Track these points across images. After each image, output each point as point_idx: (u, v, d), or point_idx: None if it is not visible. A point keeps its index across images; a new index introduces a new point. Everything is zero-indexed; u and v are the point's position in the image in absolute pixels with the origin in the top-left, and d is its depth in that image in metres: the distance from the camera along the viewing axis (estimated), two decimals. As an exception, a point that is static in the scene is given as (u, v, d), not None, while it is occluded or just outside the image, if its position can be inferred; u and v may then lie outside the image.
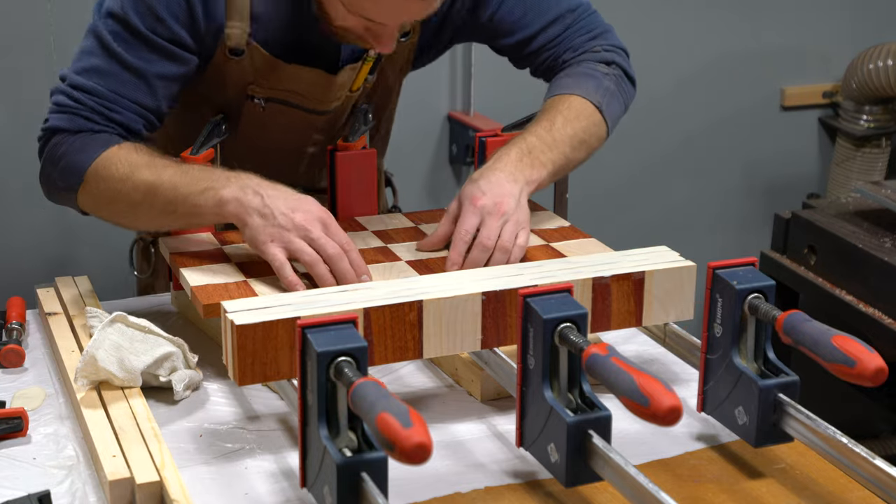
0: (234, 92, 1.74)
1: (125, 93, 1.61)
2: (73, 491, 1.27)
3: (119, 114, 1.61)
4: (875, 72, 3.25)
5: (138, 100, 1.62)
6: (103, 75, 1.61)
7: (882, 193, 2.51)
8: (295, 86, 1.74)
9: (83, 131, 1.60)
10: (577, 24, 1.81)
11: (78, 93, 1.61)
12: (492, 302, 1.37)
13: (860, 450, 1.18)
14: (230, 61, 1.69)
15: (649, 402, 1.08)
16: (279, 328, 1.29)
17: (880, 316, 2.37)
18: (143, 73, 1.61)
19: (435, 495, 1.26)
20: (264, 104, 1.75)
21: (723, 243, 3.55)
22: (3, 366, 1.55)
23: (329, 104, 1.79)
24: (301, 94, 1.75)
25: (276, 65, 1.71)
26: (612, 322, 1.44)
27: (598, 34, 1.83)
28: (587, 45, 1.81)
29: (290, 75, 1.72)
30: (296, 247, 1.48)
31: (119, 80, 1.61)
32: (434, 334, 1.36)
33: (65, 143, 1.60)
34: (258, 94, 1.74)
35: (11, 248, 2.87)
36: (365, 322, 1.32)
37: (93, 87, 1.61)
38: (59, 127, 1.61)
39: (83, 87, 1.61)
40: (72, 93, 1.61)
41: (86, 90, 1.61)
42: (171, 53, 1.62)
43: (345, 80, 1.77)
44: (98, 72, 1.61)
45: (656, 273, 1.44)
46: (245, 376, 1.29)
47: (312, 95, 1.76)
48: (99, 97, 1.61)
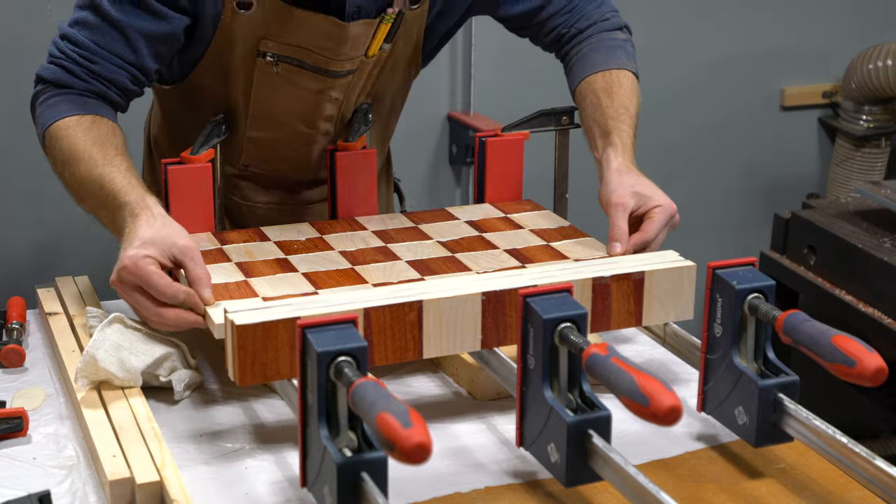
0: (245, 52, 1.71)
1: (106, 45, 1.63)
2: (73, 491, 1.27)
3: (99, 65, 1.63)
4: (875, 72, 3.25)
5: (119, 53, 1.63)
6: (88, 27, 1.63)
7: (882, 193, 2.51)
8: (307, 38, 1.70)
9: (67, 86, 1.63)
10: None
11: (63, 43, 1.65)
12: (492, 302, 1.37)
13: (860, 450, 1.18)
14: (239, 17, 1.66)
15: (649, 402, 1.08)
16: (279, 328, 1.29)
17: (880, 316, 2.37)
18: (123, 27, 1.62)
19: (435, 495, 1.26)
20: (277, 63, 1.72)
21: (723, 243, 3.55)
22: (3, 366, 1.55)
23: (342, 63, 1.75)
24: (314, 49, 1.71)
25: (288, 12, 1.67)
26: (612, 322, 1.44)
27: (602, 1, 1.87)
28: (597, 13, 1.85)
29: (302, 23, 1.69)
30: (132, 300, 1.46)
31: (102, 33, 1.63)
32: (434, 334, 1.36)
33: (44, 94, 1.66)
34: (270, 50, 1.71)
35: (11, 248, 2.87)
36: (365, 322, 1.32)
37: (77, 38, 1.64)
38: (42, 76, 1.66)
39: (68, 36, 1.65)
40: (58, 42, 1.66)
41: (70, 40, 1.64)
42: (157, 11, 1.63)
43: (358, 34, 1.72)
44: (84, 24, 1.64)
45: (656, 273, 1.44)
46: (245, 376, 1.29)
47: (325, 50, 1.72)
48: (82, 48, 1.63)
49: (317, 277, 1.53)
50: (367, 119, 1.84)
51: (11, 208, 2.85)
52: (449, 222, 1.77)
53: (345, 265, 1.58)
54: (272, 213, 1.91)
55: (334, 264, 1.58)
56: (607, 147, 1.69)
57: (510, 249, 1.64)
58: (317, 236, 1.69)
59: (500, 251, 1.63)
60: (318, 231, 1.71)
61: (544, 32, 1.86)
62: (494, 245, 1.66)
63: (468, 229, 1.73)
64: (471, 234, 1.72)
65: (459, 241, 1.68)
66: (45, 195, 2.82)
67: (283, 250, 1.63)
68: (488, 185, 1.85)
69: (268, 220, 1.86)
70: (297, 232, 1.70)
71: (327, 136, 1.84)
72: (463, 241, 1.68)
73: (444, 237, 1.70)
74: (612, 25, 1.85)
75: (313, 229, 1.72)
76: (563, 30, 1.84)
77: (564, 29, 1.84)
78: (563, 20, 1.84)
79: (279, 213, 1.91)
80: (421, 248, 1.66)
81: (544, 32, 1.86)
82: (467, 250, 1.65)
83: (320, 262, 1.59)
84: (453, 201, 3.29)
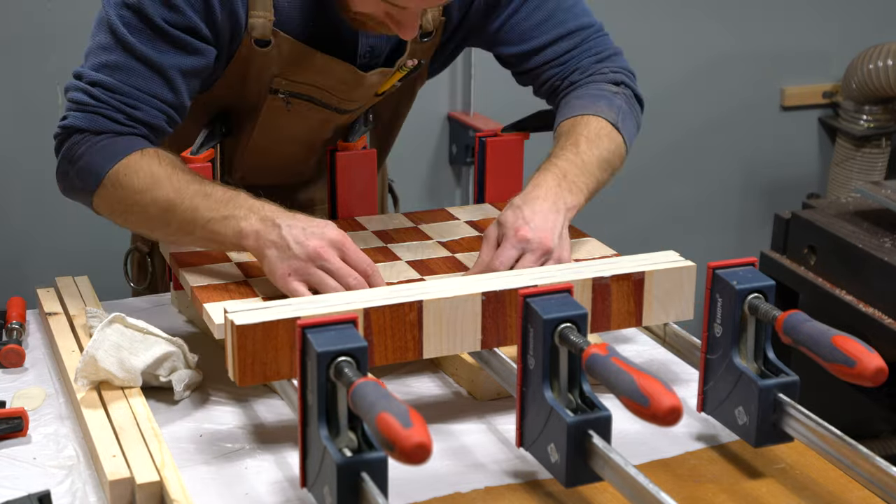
0: (257, 87, 1.69)
1: (145, 88, 1.56)
2: (73, 491, 1.27)
3: (141, 111, 1.56)
4: (875, 72, 3.25)
5: (158, 94, 1.57)
6: (121, 71, 1.55)
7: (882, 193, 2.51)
8: (323, 80, 1.69)
9: (105, 132, 1.55)
10: (588, 44, 1.77)
11: (97, 90, 1.56)
12: (492, 302, 1.36)
13: (860, 450, 1.18)
14: (256, 53, 1.64)
15: (649, 402, 1.08)
16: (279, 328, 1.28)
17: (880, 316, 2.37)
18: (161, 67, 1.55)
19: (435, 495, 1.26)
20: (289, 101, 1.71)
21: (723, 243, 3.55)
22: (3, 366, 1.55)
23: (354, 104, 1.76)
24: (328, 90, 1.71)
25: (307, 54, 1.66)
26: (612, 322, 1.44)
27: (607, 56, 1.78)
28: (595, 67, 1.76)
29: (320, 67, 1.67)
30: (315, 279, 1.44)
31: (138, 75, 1.55)
32: (434, 334, 1.36)
33: (85, 143, 1.55)
34: (283, 88, 1.69)
35: (11, 248, 2.87)
36: (365, 322, 1.32)
37: (112, 84, 1.55)
38: (79, 126, 1.56)
39: (102, 83, 1.55)
40: (90, 90, 1.56)
41: (105, 87, 1.55)
42: (188, 45, 1.56)
43: (374, 81, 1.72)
44: (116, 67, 1.55)
45: (656, 273, 1.44)
46: (245, 376, 1.29)
47: (339, 92, 1.72)
48: (119, 94, 1.55)
49: (317, 277, 1.53)
50: (368, 119, 1.84)
51: (11, 208, 2.85)
52: (449, 222, 1.77)
53: (345, 265, 1.58)
54: None
55: (334, 264, 1.58)
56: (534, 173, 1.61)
57: (510, 249, 1.64)
58: (317, 236, 1.69)
59: (500, 251, 1.63)
60: (318, 231, 1.71)
61: (539, 83, 1.80)
62: (494, 245, 1.66)
63: (468, 229, 1.73)
64: (471, 234, 1.72)
65: (459, 241, 1.68)
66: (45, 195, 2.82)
67: (283, 250, 1.63)
68: (488, 185, 1.85)
69: None
70: (297, 232, 1.70)
71: (323, 151, 1.86)
72: (463, 241, 1.68)
73: (444, 237, 1.70)
74: (606, 79, 1.75)
75: (313, 229, 1.72)
76: (557, 82, 1.78)
77: (558, 81, 1.77)
78: (557, 72, 1.77)
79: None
80: (421, 248, 1.66)
81: (539, 83, 1.80)
82: (467, 250, 1.65)
83: (320, 262, 1.58)
84: (453, 201, 3.29)
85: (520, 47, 1.76)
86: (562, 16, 1.76)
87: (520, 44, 1.76)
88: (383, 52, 1.72)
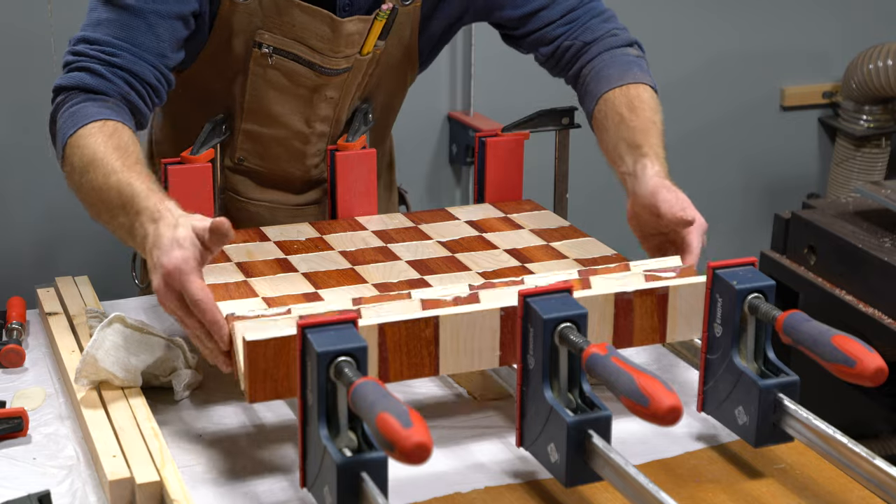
0: (242, 43, 1.70)
1: (125, 36, 1.56)
2: (73, 491, 1.27)
3: (119, 57, 1.56)
4: (875, 72, 3.25)
5: (139, 42, 1.57)
6: (103, 25, 1.57)
7: (882, 193, 2.51)
8: (302, 31, 1.70)
9: (88, 90, 1.55)
10: (590, 4, 1.78)
11: (80, 46, 1.58)
12: (510, 317, 1.31)
13: (860, 450, 1.18)
14: (237, 7, 1.66)
15: (649, 402, 1.08)
16: (292, 344, 1.23)
17: (880, 316, 2.37)
18: (140, 10, 1.57)
19: (435, 495, 1.26)
20: (272, 55, 1.71)
21: (723, 243, 3.55)
22: (3, 366, 1.55)
23: (337, 61, 1.75)
24: (309, 44, 1.72)
25: (285, 3, 1.67)
26: (635, 338, 1.37)
27: (609, 17, 1.79)
28: (603, 28, 1.76)
29: (298, 15, 1.68)
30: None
31: (119, 25, 1.57)
32: (451, 351, 1.31)
33: (63, 104, 1.55)
34: (266, 42, 1.70)
35: (11, 248, 2.87)
36: (380, 338, 1.28)
37: (94, 37, 1.57)
38: (61, 85, 1.57)
39: (85, 39, 1.58)
40: (74, 48, 1.58)
41: (88, 41, 1.58)
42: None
43: (352, 31, 1.72)
44: (99, 23, 1.58)
45: (681, 288, 1.38)
46: (256, 393, 1.24)
47: (321, 48, 1.72)
48: (101, 44, 1.57)
49: (317, 277, 1.53)
50: (368, 119, 1.84)
51: (11, 208, 2.85)
52: (449, 222, 1.77)
53: (345, 265, 1.58)
54: (268, 213, 1.91)
55: (334, 264, 1.58)
56: (641, 159, 1.56)
57: (510, 249, 1.64)
58: (317, 236, 1.69)
59: (500, 251, 1.63)
60: (318, 231, 1.71)
61: (545, 42, 1.78)
62: (494, 245, 1.66)
63: (468, 229, 1.73)
64: (471, 234, 1.72)
65: (459, 241, 1.68)
66: (45, 195, 2.83)
67: (283, 250, 1.63)
68: (488, 185, 1.85)
69: (262, 220, 1.86)
70: (297, 232, 1.70)
71: (323, 138, 1.85)
72: (463, 241, 1.68)
73: (444, 237, 1.70)
74: (621, 41, 1.75)
75: (313, 229, 1.72)
76: (566, 41, 1.76)
77: (567, 41, 1.76)
78: (565, 30, 1.76)
79: (274, 213, 1.90)
80: (421, 248, 1.66)
81: (545, 42, 1.78)
82: (467, 250, 1.65)
83: (320, 262, 1.59)
84: (453, 201, 3.29)
85: (521, 9, 1.77)
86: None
87: (520, 6, 1.76)
88: (363, 8, 1.73)
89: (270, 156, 1.85)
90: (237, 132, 1.81)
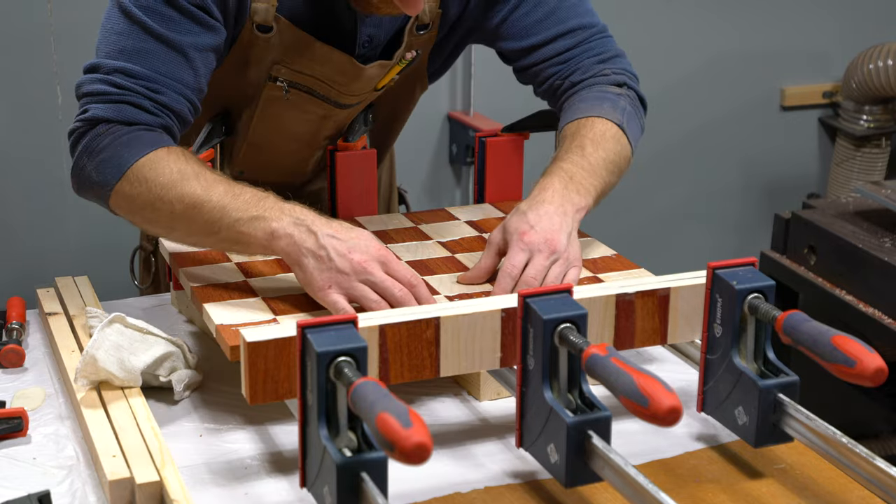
0: (257, 75, 1.68)
1: (166, 71, 1.51)
2: (73, 491, 1.27)
3: (165, 95, 1.51)
4: (875, 72, 3.25)
5: (179, 77, 1.52)
6: (141, 55, 1.50)
7: (882, 193, 2.51)
8: (322, 70, 1.68)
9: (134, 123, 1.50)
10: (589, 43, 1.76)
11: (118, 77, 1.50)
12: (511, 319, 1.32)
13: (860, 450, 1.18)
14: (257, 39, 1.62)
15: (649, 403, 1.08)
16: (292, 345, 1.23)
17: (880, 316, 2.37)
18: (179, 46, 1.51)
19: (435, 495, 1.26)
20: (287, 88, 1.70)
21: (723, 243, 3.55)
22: (3, 366, 1.55)
23: (352, 98, 1.75)
24: (327, 81, 1.70)
25: (307, 42, 1.65)
26: (637, 340, 1.37)
27: (609, 58, 1.77)
28: (596, 68, 1.75)
29: (320, 56, 1.66)
30: (357, 293, 1.40)
31: (157, 58, 1.51)
32: (452, 352, 1.31)
33: (109, 135, 1.49)
34: (282, 76, 1.68)
35: (11, 248, 2.87)
36: (381, 339, 1.28)
37: (133, 70, 1.50)
38: (104, 117, 1.50)
39: (123, 70, 1.50)
40: (111, 79, 1.50)
41: (127, 73, 1.50)
42: (203, 21, 1.53)
43: (373, 74, 1.72)
44: (135, 52, 1.50)
45: (682, 289, 1.38)
46: (257, 395, 1.24)
47: (338, 84, 1.71)
48: (142, 79, 1.50)
49: (317, 277, 1.53)
50: (368, 119, 1.84)
51: (11, 208, 2.85)
52: (449, 222, 1.77)
53: (345, 265, 1.57)
54: None
55: (334, 264, 1.58)
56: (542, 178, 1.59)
57: (510, 249, 1.63)
58: (317, 236, 1.69)
59: (500, 251, 1.63)
60: (318, 231, 1.71)
61: (539, 81, 1.78)
62: (494, 245, 1.65)
63: (468, 229, 1.73)
64: (471, 234, 1.72)
65: (459, 241, 1.68)
66: (45, 195, 2.83)
67: (283, 250, 1.63)
68: (488, 185, 1.85)
69: None
70: (297, 232, 1.70)
71: (324, 149, 1.85)
72: (463, 241, 1.68)
73: (444, 237, 1.70)
74: (608, 81, 1.73)
75: (313, 229, 1.71)
76: (557, 81, 1.76)
77: (558, 80, 1.76)
78: (557, 70, 1.76)
79: None
80: (421, 248, 1.66)
81: (539, 81, 1.78)
82: (467, 250, 1.65)
83: (320, 262, 1.58)
84: (453, 201, 3.29)
85: (520, 43, 1.76)
86: (563, 13, 1.75)
87: (520, 39, 1.76)
88: (381, 44, 1.72)
89: (271, 170, 1.85)
90: (239, 151, 1.81)
